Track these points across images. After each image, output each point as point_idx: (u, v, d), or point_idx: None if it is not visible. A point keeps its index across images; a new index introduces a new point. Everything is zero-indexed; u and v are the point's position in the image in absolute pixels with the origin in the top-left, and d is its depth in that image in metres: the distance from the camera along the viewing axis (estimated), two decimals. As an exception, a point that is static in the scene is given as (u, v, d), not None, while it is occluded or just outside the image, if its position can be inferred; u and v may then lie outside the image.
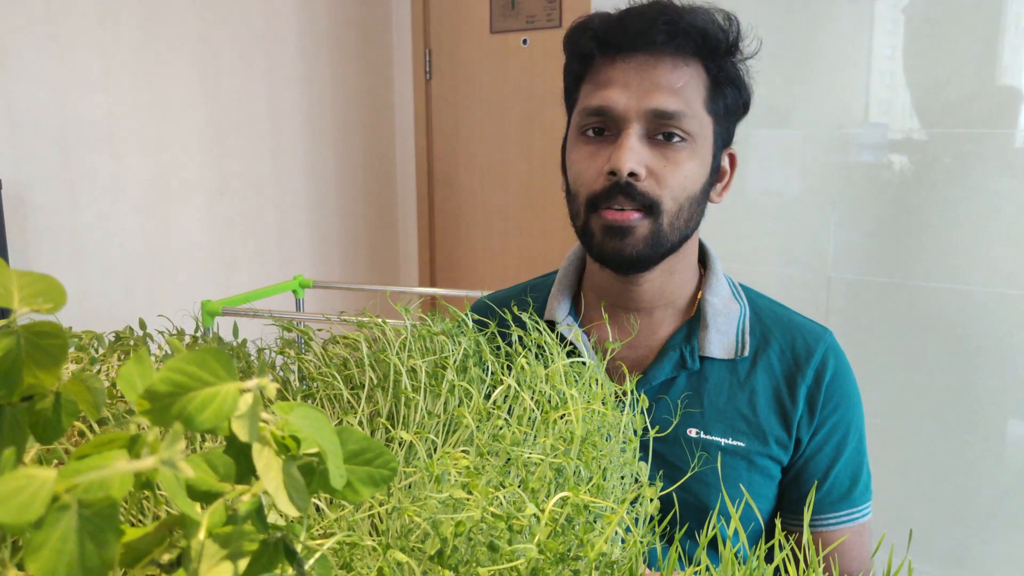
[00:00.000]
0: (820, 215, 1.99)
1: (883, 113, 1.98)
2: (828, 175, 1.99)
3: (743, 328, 0.96)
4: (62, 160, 2.28)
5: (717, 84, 0.90)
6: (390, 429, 0.67)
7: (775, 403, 0.93)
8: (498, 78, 3.37)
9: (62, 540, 0.22)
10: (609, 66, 0.89)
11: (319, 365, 0.77)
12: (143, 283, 2.50)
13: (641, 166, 0.86)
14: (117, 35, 2.38)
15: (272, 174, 2.98)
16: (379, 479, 0.36)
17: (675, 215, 0.89)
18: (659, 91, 0.86)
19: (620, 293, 0.97)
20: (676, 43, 0.87)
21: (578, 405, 0.59)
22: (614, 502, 0.55)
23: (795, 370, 0.94)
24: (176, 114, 2.59)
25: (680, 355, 0.94)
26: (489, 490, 0.49)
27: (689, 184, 0.89)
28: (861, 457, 0.96)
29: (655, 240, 0.89)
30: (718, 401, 0.93)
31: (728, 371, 0.94)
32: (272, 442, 0.32)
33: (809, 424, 0.93)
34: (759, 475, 0.92)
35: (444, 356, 0.74)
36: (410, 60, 3.54)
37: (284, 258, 3.05)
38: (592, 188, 0.89)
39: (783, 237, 2.04)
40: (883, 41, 1.95)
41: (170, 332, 1.05)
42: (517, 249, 3.45)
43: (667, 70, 0.87)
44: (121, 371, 0.28)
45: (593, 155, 0.90)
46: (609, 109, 0.88)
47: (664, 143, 0.87)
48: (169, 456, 0.23)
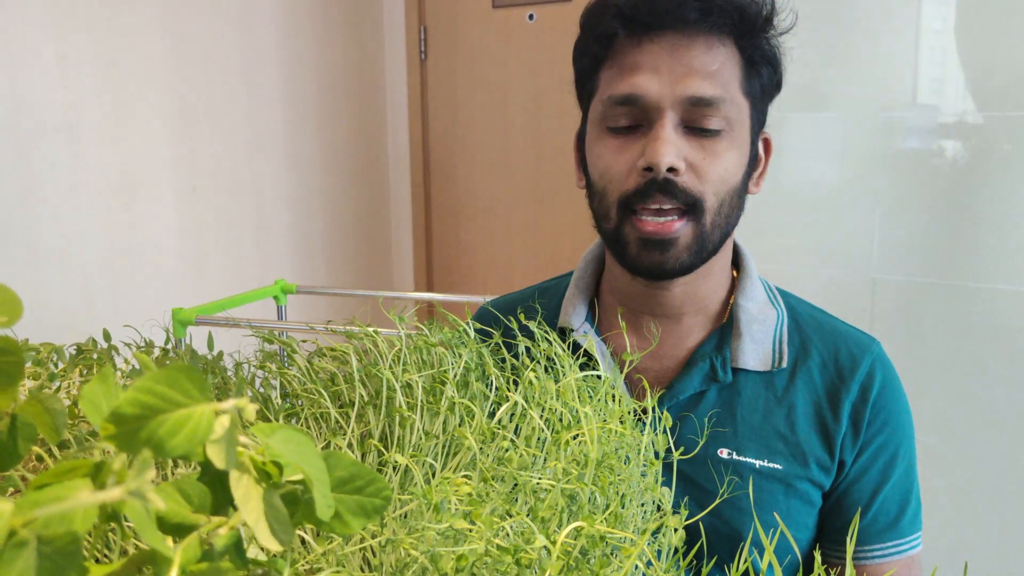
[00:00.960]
0: (863, 209, 1.98)
1: (933, 94, 1.97)
2: (871, 164, 1.99)
3: (780, 337, 0.96)
4: (15, 153, 2.29)
5: (752, 63, 0.90)
6: (383, 452, 0.67)
7: (816, 421, 0.93)
8: (501, 58, 3.38)
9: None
10: (635, 48, 0.88)
11: (304, 381, 0.77)
12: (106, 289, 2.51)
13: (680, 160, 0.85)
14: (75, 12, 2.39)
15: (249, 167, 2.98)
16: (371, 509, 0.36)
17: (717, 212, 0.89)
18: (694, 75, 0.86)
19: (645, 298, 0.96)
20: (710, 21, 0.86)
21: (592, 424, 0.59)
22: (634, 532, 0.55)
23: (839, 384, 0.94)
24: (141, 100, 2.60)
25: (710, 366, 0.94)
26: (494, 520, 0.49)
27: (730, 176, 0.89)
28: (911, 481, 0.96)
29: (699, 245, 0.89)
30: (752, 418, 0.93)
31: (764, 385, 0.94)
32: (252, 469, 0.32)
33: (853, 444, 0.93)
34: (798, 501, 0.92)
35: (443, 370, 0.74)
36: (403, 38, 3.55)
37: (263, 260, 3.06)
38: (624, 187, 0.88)
39: (822, 234, 2.03)
40: (933, 13, 1.95)
41: (137, 344, 1.05)
42: (523, 249, 3.45)
43: (701, 51, 0.87)
44: (84, 391, 0.28)
45: (622, 149, 0.89)
46: (640, 97, 0.87)
47: (701, 133, 0.87)
48: (137, 486, 0.23)
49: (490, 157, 3.47)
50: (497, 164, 3.46)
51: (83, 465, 0.29)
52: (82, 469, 0.29)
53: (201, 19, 2.76)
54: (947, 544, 1.91)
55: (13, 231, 2.29)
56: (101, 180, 2.50)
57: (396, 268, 3.72)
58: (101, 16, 2.46)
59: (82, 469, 0.29)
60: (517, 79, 3.35)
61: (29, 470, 0.72)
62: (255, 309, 2.44)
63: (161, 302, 2.58)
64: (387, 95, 3.61)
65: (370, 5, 3.49)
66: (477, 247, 3.56)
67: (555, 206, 3.36)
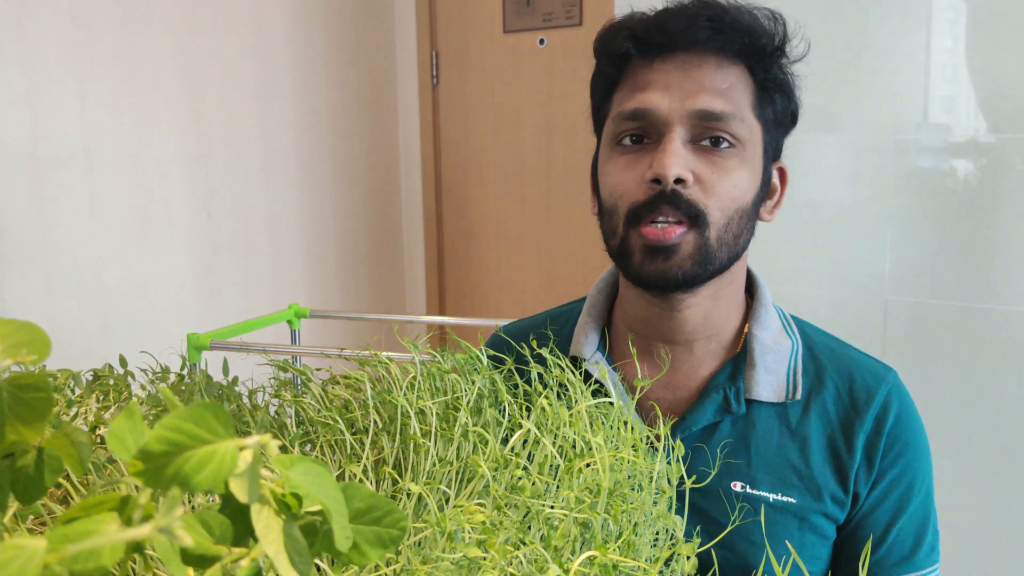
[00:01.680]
0: (875, 230, 1.98)
1: (944, 113, 1.97)
2: (883, 185, 1.99)
3: (795, 367, 0.95)
4: (32, 180, 2.32)
5: (764, 90, 0.91)
6: (397, 479, 0.68)
7: (830, 454, 0.92)
8: (512, 82, 3.40)
9: (53, 614, 0.23)
10: (647, 68, 0.90)
11: (319, 408, 0.78)
12: (122, 314, 2.53)
13: (687, 171, 0.86)
14: (93, 40, 2.42)
15: (263, 192, 3.01)
16: (388, 540, 0.37)
17: (723, 228, 0.89)
18: (704, 92, 0.87)
19: (658, 323, 0.96)
20: (720, 41, 0.88)
21: (604, 452, 0.60)
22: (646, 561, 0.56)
23: (853, 416, 0.93)
24: (158, 127, 2.63)
25: (724, 397, 0.93)
26: (508, 549, 0.50)
27: (739, 194, 0.89)
28: (927, 513, 0.95)
29: (702, 256, 0.89)
30: (766, 451, 0.92)
31: (777, 416, 0.94)
32: (272, 500, 0.33)
33: (867, 476, 0.92)
34: (812, 534, 0.91)
35: (456, 396, 0.75)
36: (415, 63, 3.58)
37: (277, 285, 3.08)
38: (634, 198, 0.89)
39: (833, 256, 2.03)
40: (943, 32, 1.95)
41: (153, 370, 1.06)
42: (535, 272, 3.46)
43: (711, 70, 0.88)
44: (111, 428, 0.29)
45: (631, 164, 0.90)
46: (649, 112, 0.88)
47: (711, 149, 0.88)
48: (167, 523, 0.24)
49: (502, 181, 3.49)
50: (509, 188, 3.47)
51: (109, 499, 0.30)
52: (109, 503, 0.30)
53: (216, 47, 2.80)
54: (961, 568, 1.89)
55: (31, 257, 2.32)
56: (117, 207, 2.52)
57: (408, 291, 3.74)
58: (118, 46, 2.49)
59: (109, 503, 0.30)
60: (528, 103, 3.38)
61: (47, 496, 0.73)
62: (269, 333, 2.45)
63: (176, 327, 2.59)
64: (399, 120, 3.64)
65: (382, 30, 3.52)
66: (489, 270, 3.57)
67: (567, 229, 3.37)
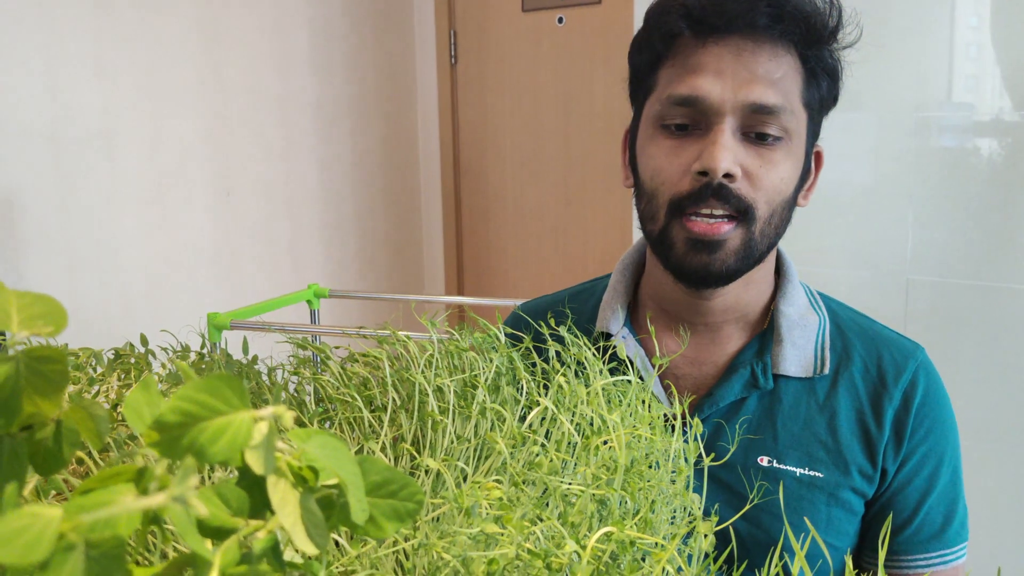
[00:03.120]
0: (897, 209, 1.97)
1: (968, 92, 1.95)
2: (906, 163, 1.97)
3: (822, 342, 0.95)
4: (53, 160, 2.33)
5: (813, 75, 0.90)
6: (415, 456, 0.68)
7: (858, 428, 0.92)
8: (531, 61, 3.38)
9: (69, 582, 0.23)
10: (700, 49, 0.87)
11: (337, 385, 0.78)
12: (143, 294, 2.55)
13: (736, 166, 0.85)
14: (113, 20, 2.43)
15: (282, 172, 3.02)
16: (404, 513, 0.37)
17: (767, 222, 0.88)
18: (758, 82, 0.85)
19: (687, 306, 0.96)
20: (779, 28, 0.86)
21: (621, 430, 0.59)
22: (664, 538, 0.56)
23: (881, 390, 0.93)
24: (178, 108, 2.64)
25: (751, 373, 0.93)
26: (525, 524, 0.50)
27: (784, 187, 0.88)
28: (956, 491, 0.95)
29: (746, 252, 0.88)
30: (793, 426, 0.92)
31: (805, 391, 0.93)
32: (288, 474, 0.33)
33: (896, 453, 0.92)
34: (840, 510, 0.91)
35: (474, 374, 0.74)
36: (433, 43, 3.57)
37: (296, 265, 3.09)
38: (677, 189, 0.87)
39: (854, 235, 2.02)
40: (967, 9, 1.93)
41: (174, 349, 1.07)
42: (553, 252, 3.46)
43: (767, 58, 0.86)
44: (127, 399, 0.29)
45: (676, 150, 0.88)
46: (701, 100, 0.86)
47: (758, 141, 0.87)
48: (181, 492, 0.24)
49: (520, 160, 3.48)
50: (527, 167, 3.47)
51: (126, 471, 0.30)
52: (125, 474, 0.30)
53: (235, 28, 2.80)
54: (984, 549, 1.88)
55: (52, 237, 2.34)
56: (137, 187, 2.54)
57: (427, 271, 3.74)
58: (138, 28, 2.50)
59: (125, 474, 0.30)
60: (547, 82, 3.36)
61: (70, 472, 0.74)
62: (288, 313, 2.46)
63: (196, 306, 2.61)
64: (418, 99, 3.63)
65: (401, 10, 3.51)
66: (507, 250, 3.57)
67: (585, 209, 3.36)
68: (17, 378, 0.31)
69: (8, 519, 0.23)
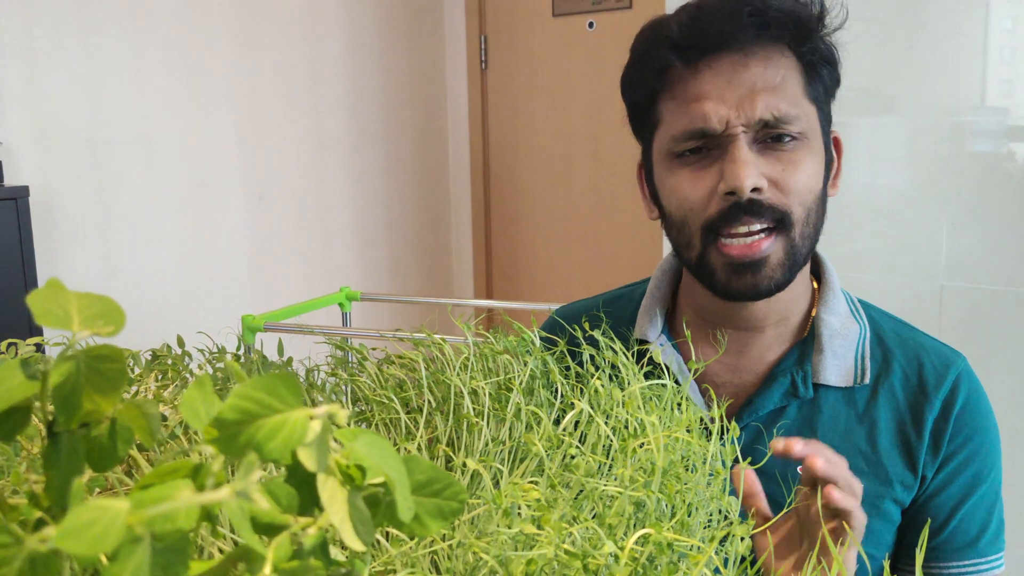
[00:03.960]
0: (931, 215, 1.95)
1: (1003, 96, 1.93)
2: (939, 169, 1.95)
3: (863, 352, 0.94)
4: (92, 164, 2.37)
5: (812, 67, 0.89)
6: (451, 457, 0.69)
7: (899, 439, 0.91)
8: (561, 66, 3.39)
9: (135, 573, 0.23)
10: (693, 77, 0.87)
11: (374, 387, 0.79)
12: (177, 296, 2.58)
13: (761, 178, 0.84)
14: (150, 28, 2.46)
15: (314, 176, 3.04)
16: (448, 512, 0.37)
17: (805, 222, 0.88)
18: (759, 95, 0.85)
19: (726, 313, 0.95)
20: (768, 35, 0.85)
21: (659, 432, 0.60)
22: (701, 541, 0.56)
23: (922, 400, 0.92)
24: (212, 114, 2.67)
25: (791, 381, 0.93)
26: (563, 525, 0.50)
27: (813, 184, 0.88)
28: (994, 501, 0.94)
29: (791, 261, 0.87)
30: (833, 435, 0.91)
31: (845, 401, 0.93)
32: (337, 472, 0.33)
33: (933, 459, 0.91)
34: (880, 520, 0.90)
35: (509, 377, 0.75)
36: (464, 48, 3.58)
37: (327, 268, 3.11)
38: (707, 213, 0.87)
39: (888, 241, 2.00)
40: (1001, 12, 1.91)
41: (210, 350, 1.09)
42: (582, 257, 3.46)
43: (760, 68, 0.85)
44: (184, 398, 0.30)
45: (698, 176, 0.88)
46: (709, 129, 0.85)
47: (776, 145, 0.86)
48: (244, 487, 0.25)
49: (550, 165, 3.48)
50: (557, 172, 3.47)
51: (183, 467, 0.30)
52: (182, 471, 0.30)
53: (268, 34, 2.83)
54: (1019, 557, 1.86)
55: (89, 240, 2.37)
56: (173, 190, 2.57)
57: (456, 275, 3.75)
58: (174, 34, 2.53)
59: (182, 471, 0.30)
60: (577, 87, 3.36)
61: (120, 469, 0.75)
62: (320, 316, 2.48)
63: (229, 309, 2.64)
64: (448, 104, 3.65)
65: (432, 15, 3.53)
66: (537, 254, 3.57)
67: (615, 214, 3.36)
68: (78, 376, 0.32)
69: (77, 512, 0.23)
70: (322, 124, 3.06)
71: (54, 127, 2.29)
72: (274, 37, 2.85)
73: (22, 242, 2.00)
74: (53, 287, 0.33)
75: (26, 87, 2.22)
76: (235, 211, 2.76)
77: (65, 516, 0.24)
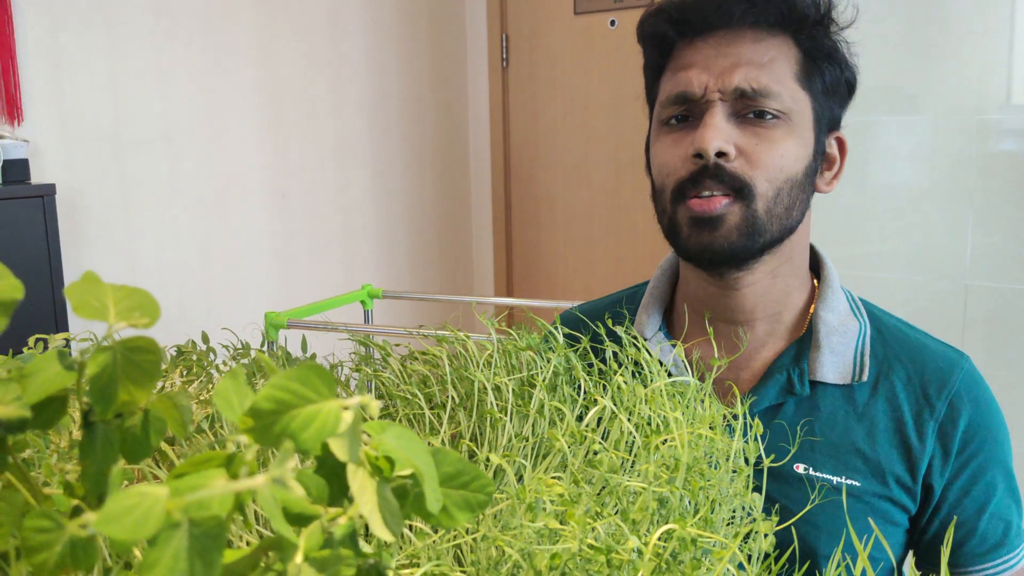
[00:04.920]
0: (955, 214, 1.94)
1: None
2: (964, 167, 1.94)
3: (862, 349, 0.94)
4: (115, 163, 2.39)
5: (811, 59, 0.91)
6: (474, 452, 0.69)
7: (897, 439, 0.91)
8: (583, 64, 3.39)
9: (174, 558, 0.24)
10: (688, 49, 0.92)
11: (397, 382, 0.80)
12: (200, 293, 2.60)
13: (729, 144, 0.87)
14: (173, 29, 2.48)
15: (335, 174, 3.06)
16: (475, 504, 0.38)
17: (772, 200, 0.88)
18: (741, 67, 0.88)
19: (717, 301, 0.96)
20: (755, 15, 0.89)
21: (683, 429, 0.60)
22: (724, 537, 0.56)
23: (923, 402, 0.91)
24: (235, 113, 2.69)
25: (787, 379, 0.93)
26: (587, 520, 0.51)
27: (787, 164, 0.89)
28: (1013, 496, 0.93)
29: (750, 229, 0.88)
30: (831, 433, 0.91)
31: (843, 399, 0.92)
32: (366, 463, 0.34)
33: (943, 468, 0.90)
34: (878, 520, 0.90)
35: (532, 373, 0.75)
36: (485, 46, 3.59)
37: (348, 266, 3.13)
38: (678, 175, 0.90)
39: (912, 239, 1.99)
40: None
41: (235, 347, 1.10)
42: (604, 255, 3.45)
43: (748, 45, 0.89)
44: (218, 389, 0.31)
45: (677, 142, 0.91)
46: (689, 93, 0.89)
47: (755, 121, 0.88)
48: (280, 474, 0.25)
49: (571, 163, 3.48)
50: (578, 170, 3.47)
51: (216, 457, 0.31)
52: (216, 460, 0.31)
53: (290, 32, 2.84)
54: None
55: (113, 237, 2.40)
56: (196, 188, 2.59)
57: (477, 274, 3.76)
58: (196, 32, 2.55)
59: (216, 460, 0.31)
60: (598, 85, 3.36)
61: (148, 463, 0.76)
62: (341, 313, 2.50)
63: (251, 306, 2.66)
64: (469, 102, 3.65)
65: (453, 14, 3.54)
66: (557, 253, 3.57)
67: (635, 212, 3.36)
68: (114, 367, 0.33)
69: (118, 498, 0.24)
70: (344, 123, 3.07)
71: (79, 126, 2.31)
72: (296, 37, 2.87)
73: (48, 239, 2.03)
74: (89, 280, 0.34)
75: (52, 87, 2.25)
76: (257, 209, 2.78)
77: (105, 502, 0.24)
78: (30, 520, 0.27)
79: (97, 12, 2.31)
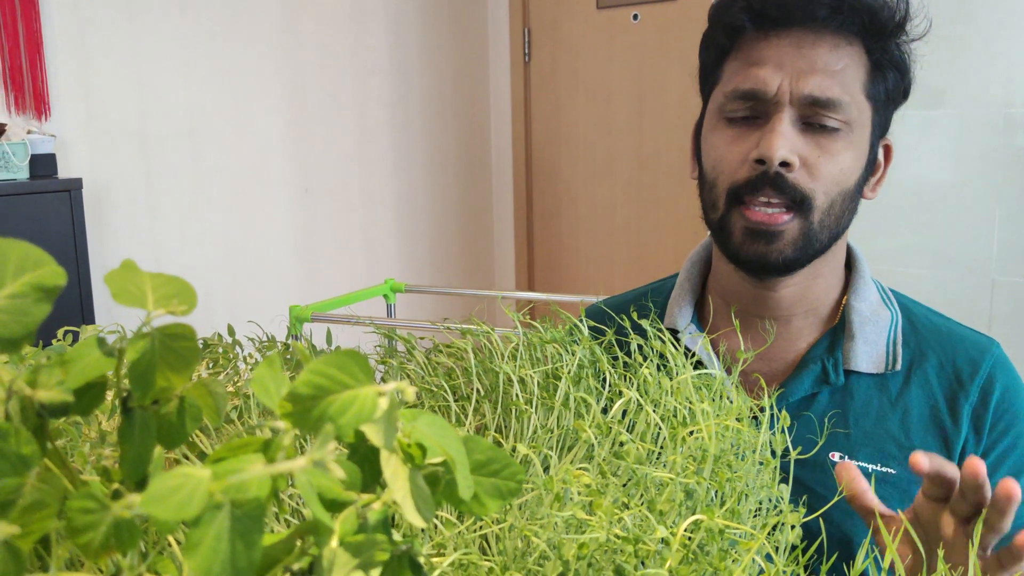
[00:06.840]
0: (981, 208, 1.92)
1: (1058, 88, 1.89)
2: (991, 161, 1.92)
3: (894, 338, 0.94)
4: (141, 157, 2.41)
5: (878, 67, 0.90)
6: (501, 443, 0.69)
7: (933, 425, 0.91)
8: (605, 59, 3.38)
9: (216, 539, 0.24)
10: (761, 42, 0.89)
11: (423, 375, 0.80)
12: (224, 286, 2.62)
13: (794, 155, 0.86)
14: (198, 24, 2.50)
15: (358, 169, 3.07)
16: (506, 491, 0.38)
17: (826, 212, 0.88)
18: (816, 74, 0.86)
19: (753, 299, 0.96)
20: (839, 19, 0.87)
21: (711, 420, 0.60)
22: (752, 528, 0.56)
23: (957, 388, 0.92)
24: (259, 107, 2.70)
25: (822, 368, 0.93)
26: (614, 510, 0.51)
27: (844, 177, 0.88)
28: None
29: (805, 242, 0.88)
30: (865, 422, 0.92)
31: (877, 387, 0.93)
32: (399, 450, 0.34)
33: (976, 449, 0.91)
34: None
35: (557, 365, 0.76)
36: (507, 40, 3.59)
37: (370, 259, 3.14)
38: (735, 177, 0.89)
39: (938, 234, 1.98)
40: (1057, 4, 1.87)
41: (260, 339, 1.11)
42: (626, 250, 3.45)
43: (826, 49, 0.87)
44: (255, 375, 0.31)
45: (737, 140, 0.90)
46: (760, 92, 0.87)
47: (818, 130, 0.87)
48: (321, 456, 0.26)
49: (592, 158, 3.47)
50: (599, 165, 3.46)
51: (254, 442, 0.32)
52: (253, 445, 0.31)
53: (315, 28, 2.85)
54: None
55: (139, 231, 2.42)
56: (220, 182, 2.61)
57: (498, 268, 3.77)
58: (221, 28, 2.57)
59: (253, 445, 0.31)
60: (621, 80, 3.35)
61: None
62: (363, 307, 2.51)
63: (275, 300, 2.67)
64: (491, 97, 3.66)
65: (475, 8, 3.54)
66: (578, 247, 3.57)
67: (657, 207, 3.35)
68: (153, 354, 0.33)
69: (162, 479, 0.24)
70: (367, 117, 3.08)
71: (106, 121, 2.33)
72: (320, 32, 2.88)
73: (75, 233, 2.05)
74: (128, 267, 0.34)
75: (78, 83, 2.27)
76: (281, 203, 2.80)
77: (149, 483, 0.25)
78: (74, 501, 0.27)
79: (123, 8, 2.33)
